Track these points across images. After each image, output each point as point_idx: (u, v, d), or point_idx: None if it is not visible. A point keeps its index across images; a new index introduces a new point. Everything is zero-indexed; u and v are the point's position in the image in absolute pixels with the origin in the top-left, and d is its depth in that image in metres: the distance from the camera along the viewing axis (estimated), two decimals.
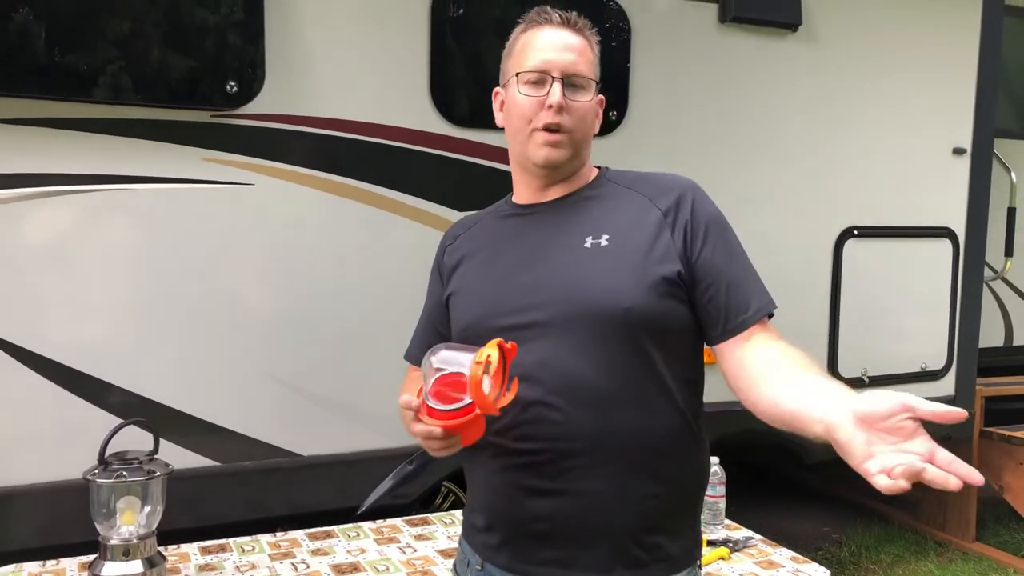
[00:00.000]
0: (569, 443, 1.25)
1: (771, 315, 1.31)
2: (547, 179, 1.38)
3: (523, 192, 1.42)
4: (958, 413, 0.95)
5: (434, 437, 1.20)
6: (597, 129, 1.40)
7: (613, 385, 1.25)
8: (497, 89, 1.43)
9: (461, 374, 1.16)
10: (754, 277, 1.32)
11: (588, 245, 1.30)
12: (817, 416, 1.05)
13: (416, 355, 1.53)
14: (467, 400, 1.15)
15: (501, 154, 2.81)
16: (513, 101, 1.36)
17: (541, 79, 1.32)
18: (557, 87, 1.31)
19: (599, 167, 1.44)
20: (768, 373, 1.21)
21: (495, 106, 1.43)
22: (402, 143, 2.73)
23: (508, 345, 1.18)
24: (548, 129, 1.32)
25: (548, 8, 1.36)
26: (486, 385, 1.13)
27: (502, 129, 1.41)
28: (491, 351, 1.14)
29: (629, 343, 1.25)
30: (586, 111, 1.34)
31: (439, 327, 1.48)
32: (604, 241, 1.29)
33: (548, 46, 1.33)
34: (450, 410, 1.15)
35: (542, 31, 1.35)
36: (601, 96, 1.39)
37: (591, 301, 1.25)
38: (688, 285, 1.28)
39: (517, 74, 1.34)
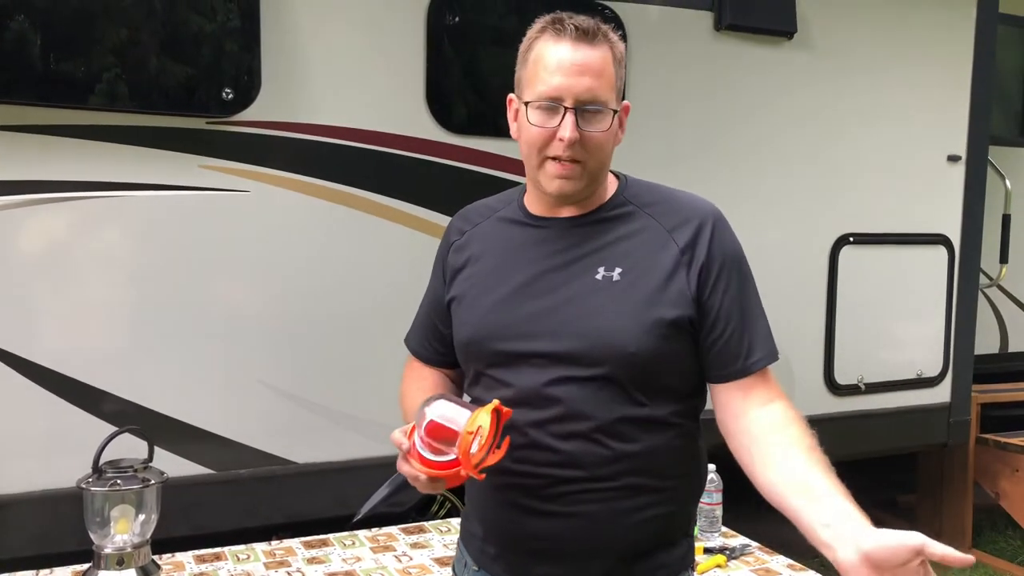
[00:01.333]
0: (566, 470, 1.24)
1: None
2: (560, 203, 1.32)
3: (536, 203, 1.35)
4: (966, 559, 0.93)
5: (418, 480, 1.20)
6: (619, 140, 1.30)
7: (613, 417, 1.23)
8: (511, 96, 1.32)
9: (450, 428, 1.18)
10: (761, 323, 1.29)
11: (600, 277, 1.25)
12: (822, 537, 1.05)
13: (415, 346, 1.51)
14: (452, 456, 1.18)
15: (498, 161, 2.81)
16: (524, 127, 1.26)
17: (553, 108, 1.21)
18: (569, 120, 1.20)
19: (618, 175, 1.36)
20: (769, 452, 1.20)
21: (509, 115, 1.33)
22: (399, 150, 2.73)
23: (504, 410, 1.18)
24: (561, 160, 1.23)
25: (564, 17, 1.23)
26: (474, 449, 1.15)
27: (500, 137, 1.37)
28: (484, 420, 1.15)
29: (631, 380, 1.24)
30: (603, 141, 1.24)
31: (439, 324, 1.44)
32: (616, 275, 1.25)
33: (562, 67, 1.20)
34: (437, 461, 1.18)
35: (557, 47, 1.21)
36: (626, 103, 1.29)
37: (597, 340, 1.23)
38: (695, 326, 1.26)
39: (527, 103, 1.24)
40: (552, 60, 1.22)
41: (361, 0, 2.68)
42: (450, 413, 1.19)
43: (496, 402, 1.18)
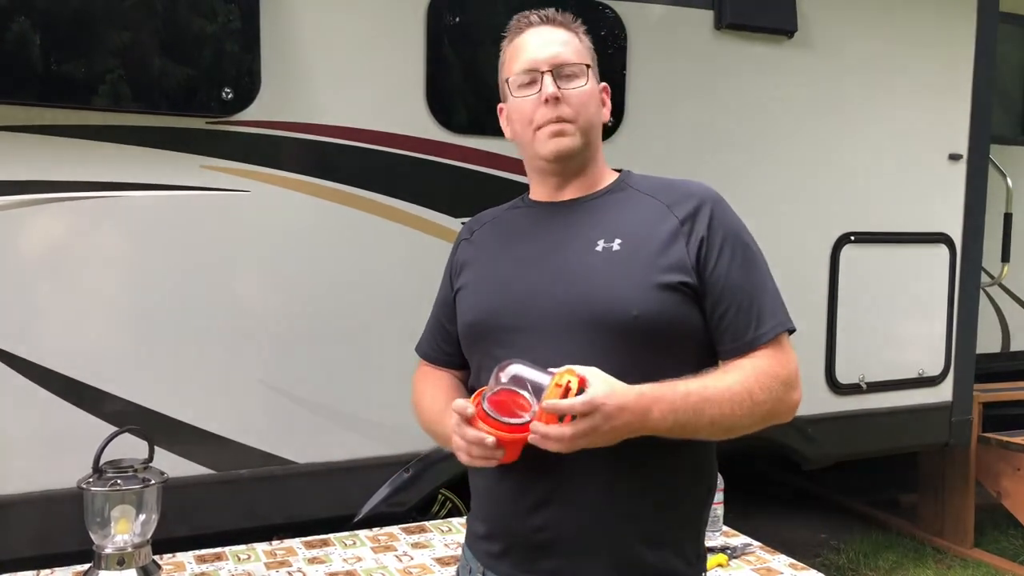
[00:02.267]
0: (572, 453, 1.21)
1: (791, 331, 1.30)
2: (562, 175, 1.36)
3: (539, 190, 1.41)
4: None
5: (482, 445, 1.17)
6: (606, 117, 1.38)
7: None
8: (501, 105, 1.42)
9: (521, 394, 1.16)
10: (771, 294, 1.29)
11: (599, 249, 1.28)
12: None
13: (424, 349, 1.53)
14: (527, 418, 1.15)
15: (498, 160, 2.81)
16: (513, 108, 1.36)
17: (532, 79, 1.32)
18: (548, 79, 1.30)
19: (619, 170, 1.41)
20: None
21: (501, 121, 1.43)
22: (398, 150, 2.72)
23: (578, 375, 1.15)
24: (551, 123, 1.31)
25: (527, 12, 1.36)
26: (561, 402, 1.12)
27: (500, 136, 1.40)
28: (571, 377, 1.13)
29: (636, 350, 1.23)
30: (584, 97, 1.32)
31: (445, 323, 1.46)
32: (616, 246, 1.27)
33: (532, 46, 1.33)
34: (510, 423, 1.15)
35: (525, 35, 1.35)
36: (604, 84, 1.38)
37: (599, 307, 1.24)
38: (700, 296, 1.26)
39: (508, 80, 1.35)
40: (522, 44, 1.34)
41: (361, 0, 2.68)
42: (529, 374, 1.17)
43: (570, 368, 1.15)
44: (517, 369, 1.18)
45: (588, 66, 1.33)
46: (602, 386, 1.13)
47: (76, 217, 2.39)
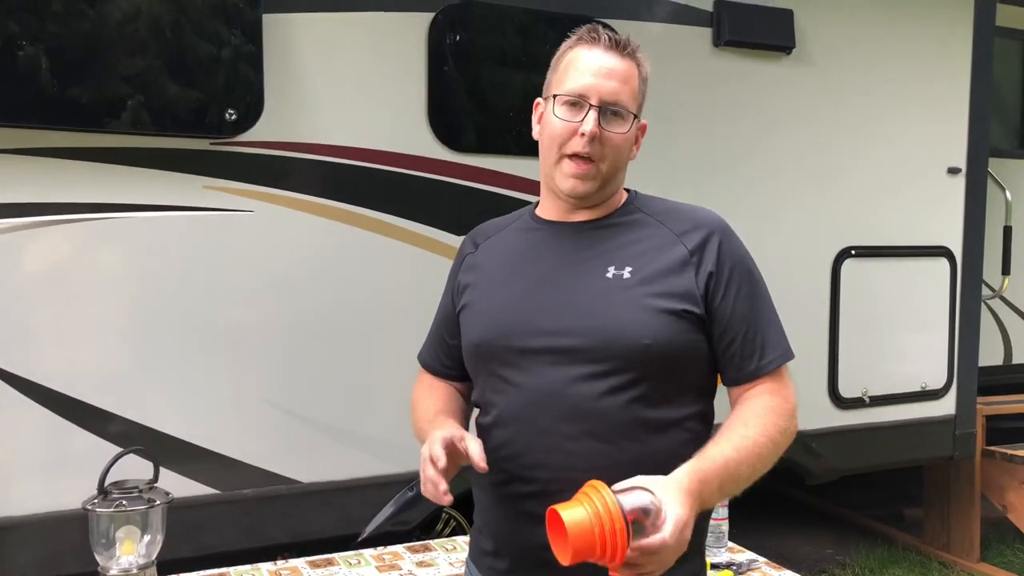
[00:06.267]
0: (579, 473, 1.21)
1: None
2: (573, 205, 1.36)
3: (549, 209, 1.40)
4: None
5: (435, 487, 1.21)
6: (634, 155, 1.37)
7: (625, 416, 1.24)
8: (538, 100, 1.40)
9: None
10: (774, 325, 1.32)
11: (610, 276, 1.28)
12: None
13: (425, 358, 1.54)
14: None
15: (500, 179, 2.83)
16: (548, 121, 1.33)
17: (578, 104, 1.29)
18: (592, 115, 1.28)
19: (628, 190, 1.41)
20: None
21: (534, 117, 1.40)
22: (401, 169, 2.74)
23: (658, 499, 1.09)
24: (578, 157, 1.29)
25: (599, 28, 1.33)
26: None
27: (501, 154, 1.40)
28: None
29: (645, 377, 1.24)
30: (620, 143, 1.31)
31: (447, 336, 1.47)
32: (627, 273, 1.28)
33: (591, 70, 1.30)
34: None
35: (589, 52, 1.31)
36: (644, 122, 1.37)
37: (610, 334, 1.24)
38: (707, 326, 1.28)
39: (555, 95, 1.31)
40: (583, 62, 1.31)
41: (362, 21, 2.70)
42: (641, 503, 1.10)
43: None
44: (637, 500, 1.10)
45: (635, 115, 1.32)
46: (677, 509, 1.09)
47: (81, 238, 2.40)
